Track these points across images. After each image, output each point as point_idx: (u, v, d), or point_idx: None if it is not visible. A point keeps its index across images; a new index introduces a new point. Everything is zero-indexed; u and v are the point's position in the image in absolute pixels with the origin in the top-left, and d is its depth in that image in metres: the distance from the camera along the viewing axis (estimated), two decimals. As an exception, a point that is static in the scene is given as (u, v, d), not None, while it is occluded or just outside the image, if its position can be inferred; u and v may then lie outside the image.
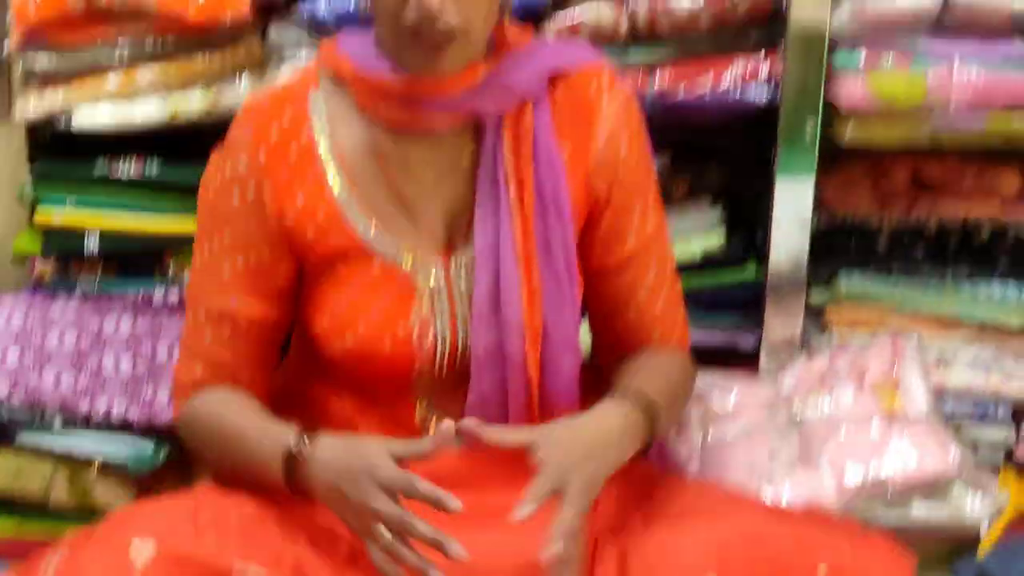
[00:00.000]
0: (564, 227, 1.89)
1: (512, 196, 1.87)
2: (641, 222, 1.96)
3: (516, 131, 1.88)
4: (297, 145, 1.88)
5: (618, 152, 1.92)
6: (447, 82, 1.81)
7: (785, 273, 2.50)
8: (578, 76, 1.92)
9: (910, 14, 2.40)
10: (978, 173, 2.56)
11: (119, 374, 2.48)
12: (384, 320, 1.89)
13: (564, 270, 1.90)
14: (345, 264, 1.89)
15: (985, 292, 2.60)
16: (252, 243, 1.89)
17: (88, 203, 2.54)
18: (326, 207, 1.87)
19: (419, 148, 1.89)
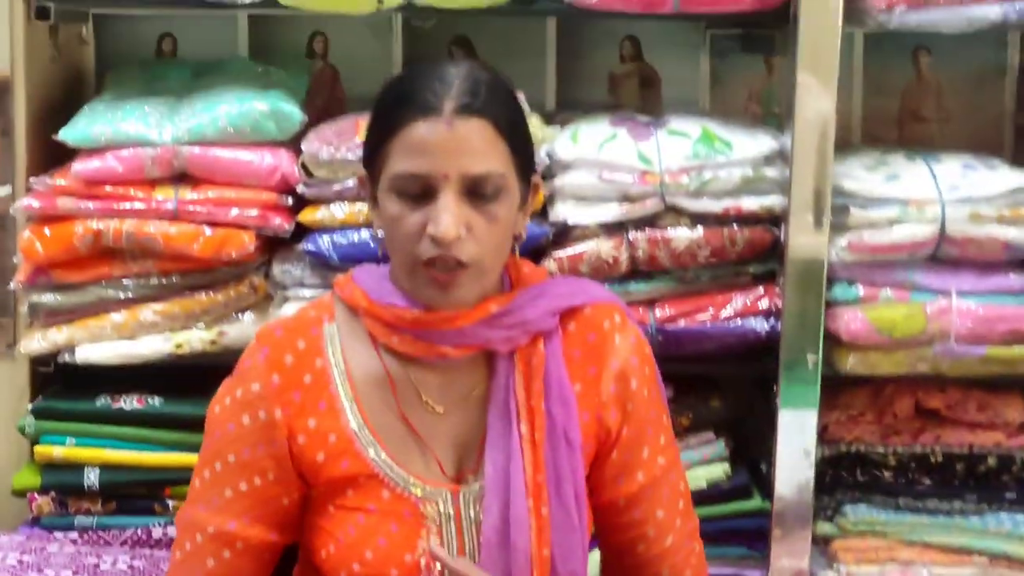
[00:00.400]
0: (575, 461, 1.88)
1: (523, 429, 1.86)
2: (651, 458, 1.95)
3: (528, 364, 1.88)
4: (311, 371, 1.87)
5: (629, 388, 1.92)
6: (460, 316, 1.82)
7: (790, 505, 2.48)
8: (591, 312, 1.93)
9: (907, 245, 2.43)
10: (981, 402, 2.56)
11: (115, 612, 2.44)
12: (392, 548, 1.86)
13: (574, 504, 1.87)
14: (354, 490, 1.87)
15: (994, 523, 2.57)
16: (259, 466, 1.87)
17: (89, 439, 2.53)
18: (338, 432, 1.86)
19: (431, 377, 1.89)
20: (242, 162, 2.47)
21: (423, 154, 1.75)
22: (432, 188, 1.75)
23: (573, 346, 1.91)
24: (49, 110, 2.67)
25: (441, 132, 1.74)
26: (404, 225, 1.78)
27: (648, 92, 2.98)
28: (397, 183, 1.77)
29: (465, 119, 1.75)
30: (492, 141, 1.77)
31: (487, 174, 1.76)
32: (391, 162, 1.78)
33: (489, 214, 1.78)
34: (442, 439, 1.89)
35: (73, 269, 2.50)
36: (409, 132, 1.75)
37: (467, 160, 1.75)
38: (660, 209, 2.46)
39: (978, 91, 2.95)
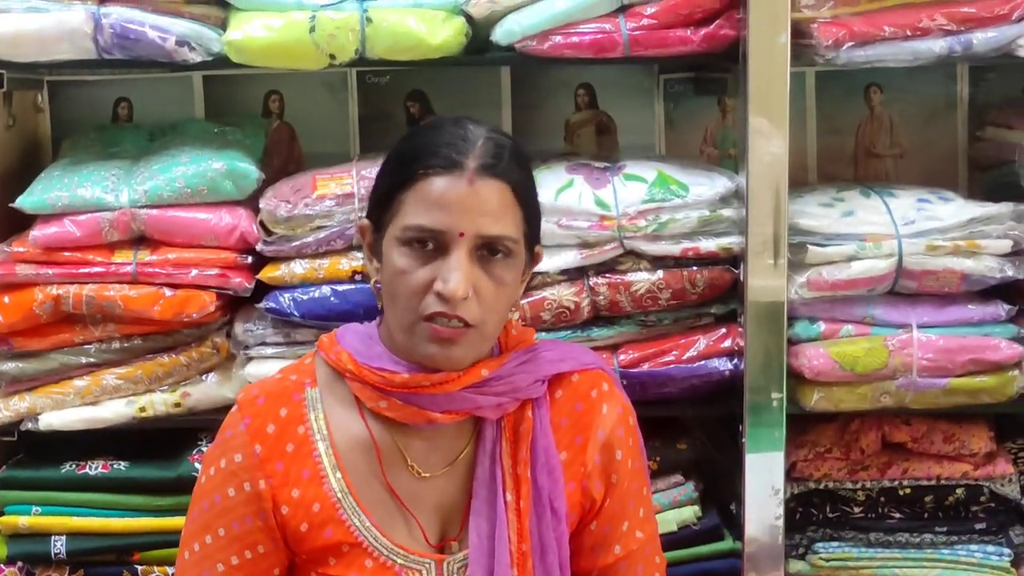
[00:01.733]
0: (560, 531, 1.88)
1: (509, 497, 1.86)
2: (630, 531, 1.94)
3: (515, 431, 1.88)
4: (293, 440, 1.86)
5: (614, 459, 1.91)
6: (449, 380, 1.81)
7: (762, 545, 2.47)
8: (579, 380, 1.93)
9: (865, 280, 2.44)
10: (947, 433, 2.57)
11: None
12: None
13: (558, 573, 1.87)
14: (337, 559, 1.86)
15: (965, 554, 2.57)
16: (251, 539, 1.86)
17: (55, 508, 2.51)
18: (322, 500, 1.85)
19: (417, 442, 1.88)
20: (200, 222, 2.47)
21: (441, 209, 1.75)
22: (444, 244, 1.76)
23: (560, 414, 1.91)
24: (5, 177, 2.66)
25: (462, 189, 1.75)
26: (410, 279, 1.77)
27: (604, 139, 3.00)
28: (409, 234, 1.77)
29: (487, 180, 1.76)
30: (510, 205, 1.78)
31: (502, 236, 1.77)
32: (404, 213, 1.78)
33: (497, 278, 1.79)
34: (426, 504, 1.88)
35: (34, 336, 2.49)
36: (428, 185, 1.76)
37: (484, 220, 1.75)
38: (619, 254, 2.47)
39: (930, 125, 2.97)
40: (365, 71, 2.92)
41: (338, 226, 2.47)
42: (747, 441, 2.44)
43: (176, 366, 2.51)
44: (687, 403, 2.55)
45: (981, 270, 2.46)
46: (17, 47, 2.44)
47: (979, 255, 2.46)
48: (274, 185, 2.55)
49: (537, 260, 1.93)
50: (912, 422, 2.58)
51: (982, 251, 2.46)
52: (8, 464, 2.58)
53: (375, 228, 1.85)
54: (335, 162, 2.60)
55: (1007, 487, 2.58)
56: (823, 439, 2.58)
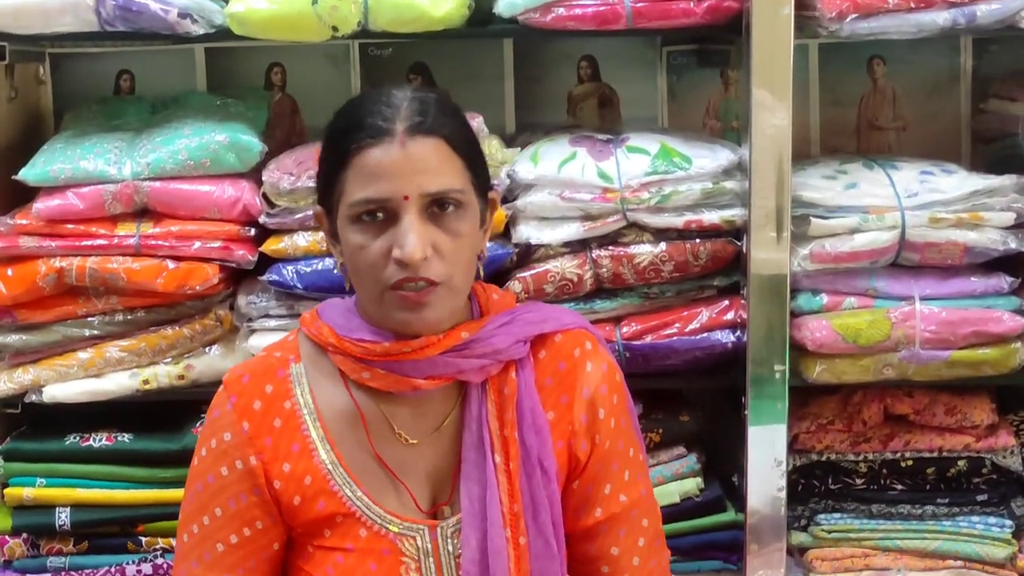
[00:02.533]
0: (551, 490, 1.87)
1: (498, 459, 1.86)
2: (612, 494, 1.93)
3: (500, 393, 1.88)
4: (280, 415, 1.86)
5: (597, 418, 1.91)
6: (430, 345, 1.82)
7: (764, 516, 2.48)
8: (562, 340, 1.93)
9: (868, 253, 2.44)
10: (949, 406, 2.57)
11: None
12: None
13: (552, 533, 1.87)
14: (332, 529, 1.87)
15: (967, 525, 2.58)
16: (248, 516, 1.86)
17: (59, 480, 2.52)
18: (313, 473, 1.86)
19: (403, 410, 1.88)
20: (203, 194, 2.47)
21: (380, 178, 1.75)
22: (393, 212, 1.76)
23: (545, 374, 1.91)
24: (7, 150, 2.67)
25: (395, 154, 1.75)
26: (368, 253, 1.77)
27: (607, 111, 2.99)
28: (356, 211, 1.77)
29: (418, 139, 1.76)
30: (447, 158, 1.78)
31: (446, 190, 1.77)
32: (348, 191, 1.78)
33: (452, 231, 1.78)
34: (416, 471, 1.89)
35: (37, 309, 2.49)
36: (363, 159, 1.76)
37: (424, 179, 1.75)
38: (622, 226, 2.47)
39: (933, 98, 2.97)
40: (367, 43, 2.91)
41: (341, 198, 2.47)
42: (749, 413, 2.45)
43: (179, 338, 2.51)
44: (690, 375, 2.56)
45: (984, 242, 2.46)
46: (19, 19, 2.43)
47: (982, 227, 2.46)
48: (277, 157, 2.55)
49: (494, 206, 1.92)
50: (914, 394, 2.58)
51: (985, 223, 2.46)
52: (12, 436, 2.59)
53: (327, 212, 1.85)
54: (337, 135, 2.60)
55: (1009, 459, 2.59)
56: (825, 411, 2.58)
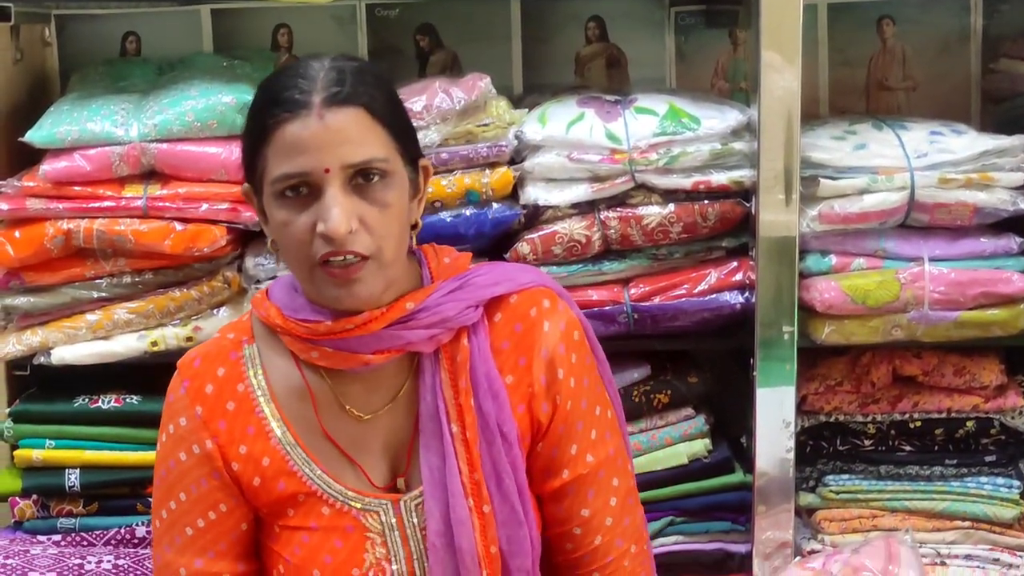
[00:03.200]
0: (513, 455, 1.85)
1: (455, 429, 1.84)
2: (579, 455, 1.90)
3: (453, 361, 1.85)
4: (233, 398, 1.87)
5: (556, 378, 1.88)
6: (373, 319, 1.80)
7: (772, 477, 2.48)
8: (517, 300, 1.89)
9: (877, 213, 2.43)
10: (958, 367, 2.57)
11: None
12: (338, 565, 1.86)
13: (517, 499, 1.85)
14: (295, 509, 1.87)
15: (975, 486, 2.58)
16: (211, 499, 1.87)
17: (68, 441, 2.53)
18: (270, 454, 1.86)
19: (356, 386, 1.87)
20: (210, 156, 2.46)
21: (300, 152, 1.71)
22: (316, 186, 1.73)
23: (501, 337, 1.88)
24: (14, 112, 2.66)
25: (313, 127, 1.71)
26: (294, 229, 1.74)
27: (615, 72, 2.98)
28: (279, 187, 1.74)
29: (336, 110, 1.72)
30: (368, 127, 1.74)
31: (369, 160, 1.73)
32: (270, 168, 1.75)
33: (379, 202, 1.75)
34: (371, 446, 1.88)
35: (45, 271, 2.49)
36: (282, 133, 1.72)
37: (345, 150, 1.72)
38: (630, 187, 2.46)
39: (943, 58, 2.95)
40: (374, 4, 2.90)
41: (348, 160, 2.46)
42: (758, 374, 2.45)
43: (187, 300, 2.51)
44: (698, 337, 2.56)
45: (994, 203, 2.45)
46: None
47: (992, 188, 2.45)
48: (284, 119, 2.54)
49: (426, 174, 1.88)
50: (923, 355, 2.58)
51: (995, 184, 2.45)
52: (21, 398, 2.60)
53: (254, 191, 1.83)
54: (344, 96, 2.59)
55: (1017, 420, 2.59)
56: (834, 372, 2.58)
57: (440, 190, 2.44)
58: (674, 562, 2.55)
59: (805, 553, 2.55)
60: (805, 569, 2.43)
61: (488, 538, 1.83)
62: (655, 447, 2.54)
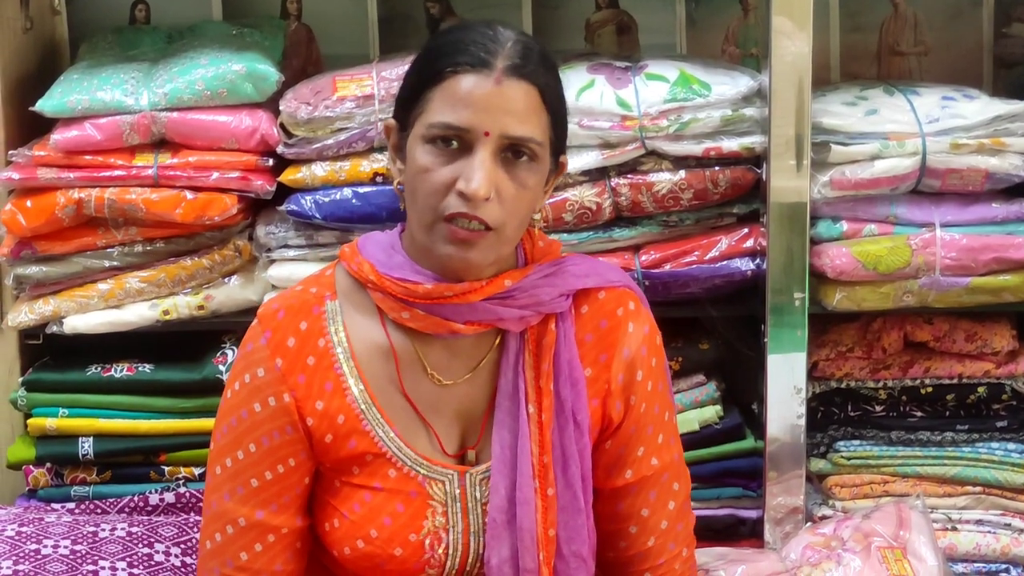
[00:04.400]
0: (582, 444, 1.87)
1: (531, 410, 1.86)
2: (645, 457, 1.93)
3: (539, 344, 1.88)
4: (314, 353, 1.86)
5: (635, 380, 1.91)
6: (472, 290, 1.81)
7: (783, 443, 2.49)
8: (605, 297, 1.92)
9: (889, 179, 2.43)
10: (969, 332, 2.57)
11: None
12: (397, 528, 1.87)
13: (580, 486, 1.87)
14: (361, 467, 1.88)
15: (986, 451, 2.59)
16: (283, 453, 1.87)
17: (81, 410, 2.54)
18: (345, 412, 1.86)
19: (438, 351, 1.88)
20: (220, 124, 2.46)
21: (468, 106, 1.73)
22: (469, 143, 1.74)
23: (585, 330, 1.90)
24: (24, 81, 2.66)
25: (489, 88, 1.73)
26: (433, 177, 1.75)
27: (625, 38, 2.97)
28: (434, 132, 1.76)
29: (514, 80, 1.74)
30: (537, 108, 1.77)
31: (527, 138, 1.75)
32: (431, 110, 1.76)
33: (520, 180, 1.77)
34: (446, 412, 1.90)
35: (57, 240, 2.49)
36: (456, 82, 1.74)
37: (510, 120, 1.74)
38: (641, 154, 2.46)
39: (955, 22, 2.94)
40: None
41: (359, 128, 2.46)
42: (769, 341, 2.45)
43: (199, 269, 2.52)
44: (709, 303, 2.56)
45: (1005, 168, 2.45)
46: (33, -52, 2.42)
47: (1003, 153, 2.45)
48: (294, 87, 2.54)
49: (562, 170, 1.91)
50: (934, 321, 2.58)
51: (1007, 149, 2.45)
52: (34, 367, 2.60)
53: (401, 128, 1.83)
54: (353, 64, 2.59)
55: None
56: (845, 338, 2.58)
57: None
58: (685, 528, 2.56)
59: (816, 519, 2.56)
60: (816, 535, 2.44)
61: (548, 521, 1.85)
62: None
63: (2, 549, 2.36)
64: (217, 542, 1.89)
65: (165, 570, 2.40)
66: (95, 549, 2.40)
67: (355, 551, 1.87)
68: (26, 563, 2.35)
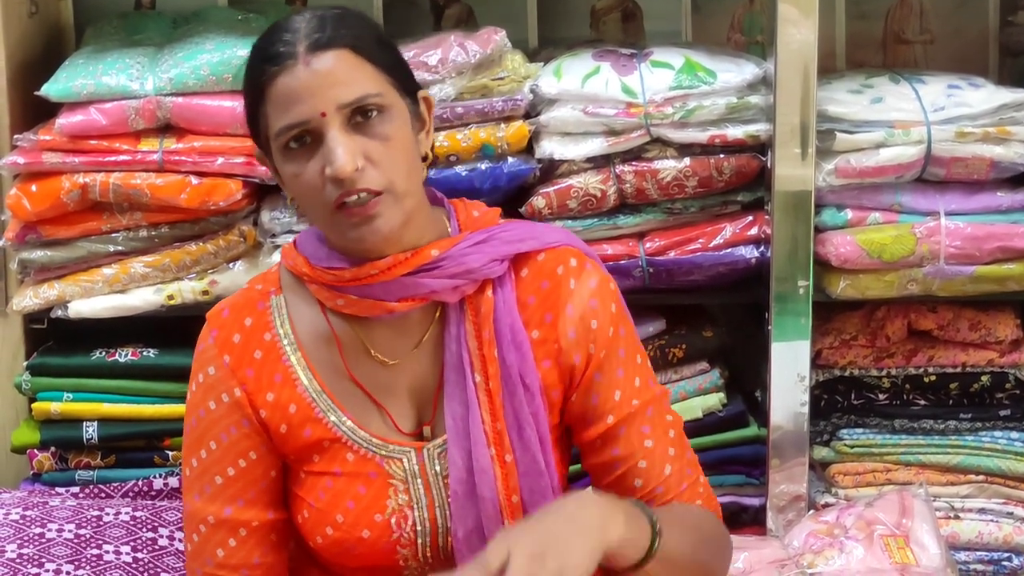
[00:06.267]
0: (535, 406, 1.86)
1: (478, 379, 1.86)
2: (623, 399, 1.89)
3: (478, 313, 1.87)
4: (260, 347, 1.88)
5: (591, 330, 1.88)
6: (397, 263, 1.80)
7: (787, 431, 2.50)
8: (544, 258, 1.89)
9: (894, 167, 2.43)
10: (973, 321, 2.57)
11: (119, 564, 2.45)
12: (361, 511, 1.87)
13: (539, 448, 1.86)
14: (320, 455, 1.89)
15: (989, 440, 2.59)
16: (241, 447, 1.88)
17: (86, 394, 2.55)
18: (296, 401, 1.87)
19: (381, 333, 1.88)
20: (226, 110, 2.46)
21: (295, 102, 1.73)
22: (317, 132, 1.73)
23: (527, 293, 1.88)
24: (29, 66, 2.65)
25: (302, 75, 1.72)
26: (305, 178, 1.75)
27: (630, 25, 2.97)
28: (283, 140, 1.75)
29: (320, 54, 1.73)
30: (355, 66, 1.75)
31: (362, 97, 1.74)
32: (271, 123, 1.76)
33: (381, 136, 1.75)
34: (397, 392, 1.90)
35: (62, 224, 2.50)
36: (275, 87, 1.74)
37: (337, 91, 1.72)
38: (645, 141, 2.46)
39: (961, 10, 2.94)
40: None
41: (363, 114, 2.46)
42: (773, 329, 2.45)
43: (203, 254, 2.52)
44: (713, 291, 2.56)
45: (1011, 157, 2.45)
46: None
47: (1009, 142, 2.45)
48: (299, 73, 2.53)
49: (428, 105, 1.88)
50: (938, 309, 2.58)
51: (1012, 138, 2.45)
52: (39, 351, 2.61)
53: (265, 151, 1.84)
54: (358, 50, 2.58)
55: (1032, 374, 2.60)
56: (849, 327, 2.58)
57: (455, 144, 2.45)
58: (688, 515, 2.56)
59: (819, 507, 2.57)
60: (819, 522, 2.44)
61: (510, 487, 1.84)
62: (670, 401, 2.55)
63: (7, 533, 2.36)
64: (195, 542, 1.92)
65: (169, 554, 2.41)
66: (99, 533, 2.41)
67: (326, 538, 1.88)
68: (30, 547, 2.36)
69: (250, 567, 1.90)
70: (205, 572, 1.91)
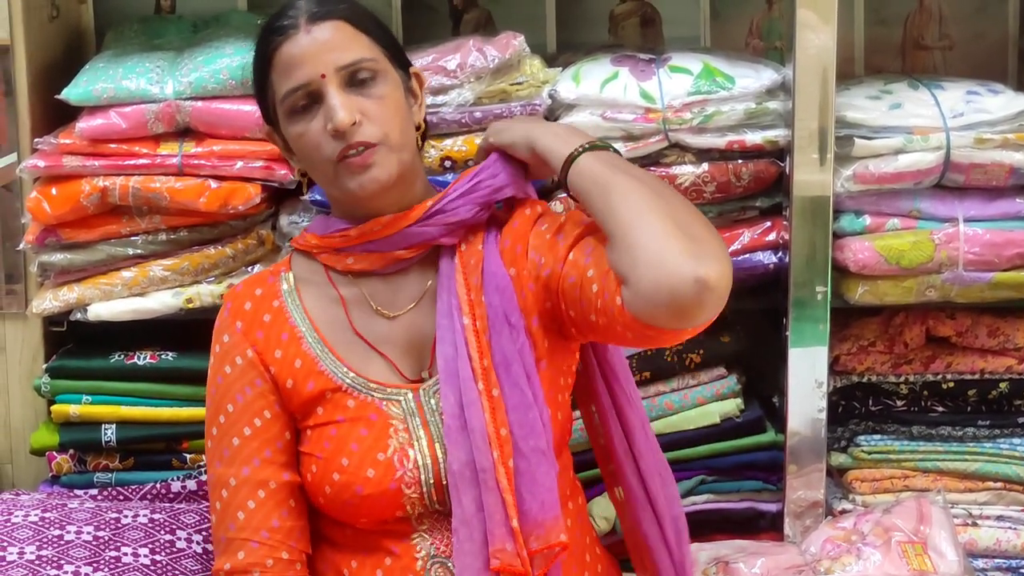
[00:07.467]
0: (520, 342, 1.97)
1: (466, 322, 1.97)
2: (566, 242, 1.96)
3: (467, 265, 2.01)
4: (269, 311, 2.05)
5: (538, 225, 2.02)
6: (400, 218, 1.99)
7: (804, 437, 2.49)
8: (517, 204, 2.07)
9: (912, 174, 2.43)
10: (991, 328, 2.56)
11: (137, 566, 2.45)
12: (364, 451, 1.97)
13: (526, 383, 1.96)
14: (323, 406, 2.01)
15: (1007, 447, 2.58)
16: (255, 407, 2.02)
17: (105, 397, 2.56)
18: (301, 356, 2.02)
19: (383, 290, 2.05)
20: (245, 114, 2.46)
21: (297, 66, 1.94)
22: (317, 93, 1.94)
23: (506, 236, 2.04)
24: (50, 70, 2.67)
25: (303, 42, 1.95)
26: (309, 136, 1.95)
27: (649, 31, 2.98)
28: (288, 105, 1.97)
29: (319, 23, 1.95)
30: (351, 35, 1.97)
31: (358, 60, 1.95)
32: (277, 91, 1.98)
33: (375, 95, 1.96)
34: (398, 343, 2.04)
35: (81, 228, 2.51)
36: (280, 54, 1.96)
37: (335, 55, 1.94)
38: (664, 146, 2.46)
39: (980, 16, 2.94)
40: (408, -38, 2.90)
41: (382, 118, 2.47)
42: (791, 334, 2.45)
43: (222, 258, 2.53)
44: (731, 296, 2.54)
45: (1030, 163, 2.44)
46: (60, -63, 2.43)
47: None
48: (318, 77, 2.54)
49: (419, 79, 2.10)
50: (957, 316, 2.57)
51: (1031, 144, 2.44)
52: (58, 354, 2.62)
53: (273, 126, 2.05)
54: (377, 54, 2.59)
55: (1051, 381, 2.59)
56: (867, 333, 2.58)
57: (474, 149, 2.45)
58: (705, 520, 2.55)
59: (836, 513, 2.56)
60: (836, 529, 2.44)
61: (498, 421, 1.93)
62: (687, 406, 2.55)
63: (26, 534, 2.37)
64: (218, 511, 2.03)
65: (187, 556, 2.42)
66: (118, 535, 2.42)
67: (333, 486, 1.97)
68: (49, 548, 2.36)
69: (270, 530, 2.00)
70: (228, 538, 2.01)
